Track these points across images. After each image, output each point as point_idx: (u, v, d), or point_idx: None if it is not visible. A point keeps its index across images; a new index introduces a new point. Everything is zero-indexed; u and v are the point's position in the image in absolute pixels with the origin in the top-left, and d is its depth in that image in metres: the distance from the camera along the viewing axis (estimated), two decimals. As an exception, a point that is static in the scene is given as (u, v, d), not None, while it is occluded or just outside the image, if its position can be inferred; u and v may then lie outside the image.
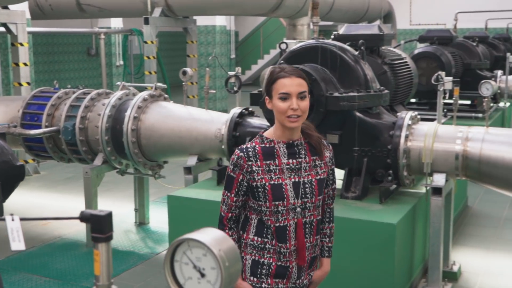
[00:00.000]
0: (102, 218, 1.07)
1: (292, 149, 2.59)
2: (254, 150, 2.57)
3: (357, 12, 16.31)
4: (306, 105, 2.53)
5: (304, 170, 2.59)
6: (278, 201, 2.55)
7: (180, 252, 1.02)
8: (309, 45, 4.75)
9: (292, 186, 2.57)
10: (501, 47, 13.29)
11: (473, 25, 17.68)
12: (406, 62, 6.22)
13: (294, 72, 2.55)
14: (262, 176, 2.55)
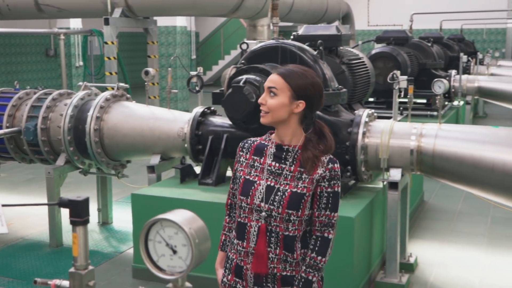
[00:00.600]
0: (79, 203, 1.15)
1: (280, 152, 2.47)
2: (251, 144, 2.56)
3: (316, 13, 16.54)
4: (272, 103, 2.41)
5: (284, 178, 2.45)
6: (243, 196, 2.49)
7: (154, 232, 1.12)
8: (269, 45, 4.88)
9: (265, 188, 2.45)
10: (455, 47, 13.71)
11: (428, 26, 18.16)
12: (363, 62, 6.40)
13: (279, 70, 2.48)
14: (243, 168, 2.53)
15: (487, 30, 23.43)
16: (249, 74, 4.61)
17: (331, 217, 2.45)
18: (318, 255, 2.44)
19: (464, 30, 20.35)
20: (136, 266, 4.98)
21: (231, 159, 5.18)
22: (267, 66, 4.68)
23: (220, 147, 5.02)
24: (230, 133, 5.04)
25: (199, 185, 5.00)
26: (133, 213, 4.92)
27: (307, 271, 2.44)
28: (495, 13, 19.79)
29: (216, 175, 4.99)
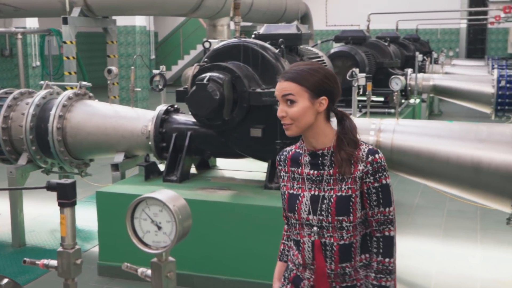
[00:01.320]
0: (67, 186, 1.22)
1: (315, 159, 2.29)
2: (286, 155, 2.40)
3: (275, 13, 16.72)
4: (295, 111, 2.21)
5: (327, 183, 2.27)
6: (290, 213, 2.33)
7: (139, 210, 1.20)
8: (232, 43, 4.97)
9: (310, 199, 2.28)
10: (411, 47, 14.06)
11: (384, 26, 18.53)
12: (323, 61, 6.54)
13: (284, 74, 2.28)
14: (285, 183, 2.38)
15: (441, 30, 24.03)
16: (212, 72, 4.69)
17: (386, 213, 2.26)
18: (385, 257, 2.26)
19: (419, 30, 20.85)
20: (102, 263, 5.00)
21: (195, 156, 5.26)
22: (230, 64, 4.77)
23: (184, 144, 5.09)
24: (194, 131, 5.12)
25: (163, 182, 5.05)
26: (98, 211, 4.94)
27: (379, 277, 2.26)
28: (449, 13, 20.33)
29: (180, 172, 5.06)
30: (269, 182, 4.85)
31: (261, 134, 4.80)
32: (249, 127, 4.80)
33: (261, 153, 4.94)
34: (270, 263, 4.40)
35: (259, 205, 4.54)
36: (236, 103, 4.72)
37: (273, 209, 4.44)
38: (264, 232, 4.49)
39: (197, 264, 4.65)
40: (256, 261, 4.54)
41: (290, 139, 4.78)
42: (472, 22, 23.82)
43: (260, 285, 4.49)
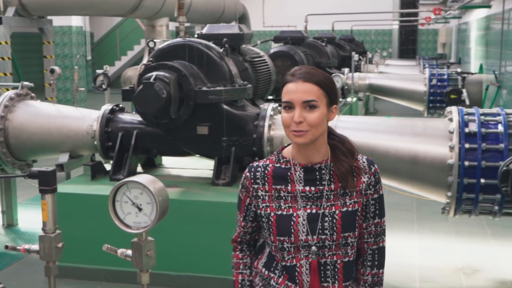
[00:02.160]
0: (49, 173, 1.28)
1: (312, 174, 2.08)
2: (265, 171, 2.13)
3: (213, 13, 16.80)
4: (315, 118, 2.00)
5: (327, 199, 2.08)
6: (283, 237, 2.08)
7: (120, 193, 1.28)
8: (177, 43, 5.05)
9: (307, 218, 2.07)
10: (346, 47, 14.45)
11: (321, 27, 18.89)
12: (265, 60, 6.71)
13: (303, 75, 2.05)
14: (268, 203, 2.11)
15: (374, 31, 24.73)
16: (158, 71, 4.76)
17: (382, 223, 2.18)
18: (379, 269, 2.20)
19: (354, 31, 21.39)
20: (49, 264, 4.97)
21: (141, 155, 5.29)
22: (176, 63, 4.85)
23: (130, 143, 5.13)
24: (140, 129, 5.16)
25: (110, 181, 5.07)
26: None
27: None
28: (382, 15, 20.96)
29: (127, 171, 5.08)
30: (216, 179, 4.95)
31: (207, 131, 4.90)
32: (195, 125, 4.89)
33: (208, 150, 5.04)
34: (219, 257, 4.52)
35: (207, 201, 4.64)
36: (182, 101, 4.80)
37: (221, 204, 4.54)
38: (212, 227, 4.58)
39: (146, 261, 4.70)
40: (205, 256, 4.63)
41: (237, 137, 4.93)
42: (404, 24, 24.65)
43: (210, 279, 4.59)
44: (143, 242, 1.29)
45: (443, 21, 21.18)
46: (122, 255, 1.31)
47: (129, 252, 1.30)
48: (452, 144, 4.39)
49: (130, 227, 1.28)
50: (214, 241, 4.55)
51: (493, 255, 5.52)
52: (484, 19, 12.13)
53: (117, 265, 4.77)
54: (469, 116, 4.56)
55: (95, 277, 4.82)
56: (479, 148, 4.35)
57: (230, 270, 4.58)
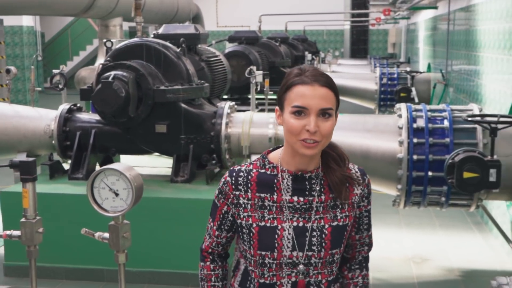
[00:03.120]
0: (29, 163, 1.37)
1: (301, 184, 1.88)
2: (248, 176, 1.92)
3: (167, 13, 16.79)
4: (329, 127, 1.81)
5: (316, 212, 1.88)
6: (265, 251, 1.86)
7: (98, 180, 1.39)
8: (134, 43, 5.12)
9: (294, 232, 1.86)
10: (299, 47, 14.70)
11: (274, 27, 19.12)
12: (220, 60, 6.82)
13: (318, 77, 1.83)
14: (249, 213, 1.89)
15: (327, 31, 25.13)
16: (116, 70, 4.82)
17: (370, 234, 2.05)
18: (367, 271, 2.08)
19: (306, 31, 21.71)
20: (8, 264, 4.97)
21: (100, 154, 5.34)
22: (134, 63, 4.92)
23: (88, 142, 5.17)
24: (98, 128, 5.21)
25: (69, 180, 5.10)
26: (3, 211, 4.91)
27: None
28: (334, 15, 21.34)
29: (86, 170, 5.13)
30: (175, 176, 5.04)
31: (166, 130, 4.99)
32: (154, 123, 4.98)
33: (167, 148, 5.13)
34: (180, 253, 4.62)
35: (166, 198, 4.73)
36: (141, 100, 4.88)
37: (180, 201, 4.64)
38: (172, 223, 4.68)
39: (107, 259, 4.75)
40: (166, 252, 4.72)
41: (195, 134, 5.03)
42: (355, 24, 25.14)
43: (170, 274, 4.69)
44: (119, 224, 1.40)
45: (392, 22, 21.72)
46: (99, 238, 1.42)
47: (106, 235, 1.40)
48: (401, 139, 4.61)
49: (108, 211, 1.39)
50: (174, 237, 4.65)
51: (441, 245, 5.79)
52: (431, 20, 12.55)
53: (77, 263, 4.82)
54: (417, 112, 4.79)
55: (55, 275, 4.84)
56: (426, 142, 4.58)
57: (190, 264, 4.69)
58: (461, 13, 8.50)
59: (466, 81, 7.79)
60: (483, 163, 4.26)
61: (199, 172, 5.15)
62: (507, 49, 5.52)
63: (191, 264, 4.65)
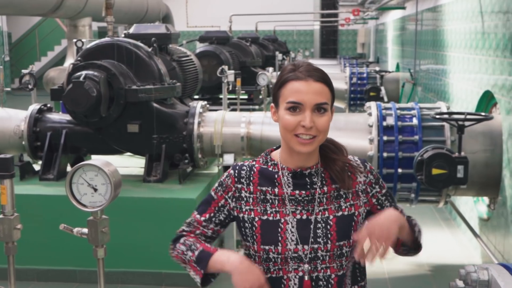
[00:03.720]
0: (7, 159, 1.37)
1: (301, 179, 1.86)
2: (250, 171, 1.90)
3: (137, 13, 16.70)
4: (325, 122, 1.79)
5: (319, 203, 1.85)
6: (268, 245, 1.82)
7: (77, 176, 1.40)
8: (105, 42, 5.10)
9: (296, 225, 1.83)
10: (270, 47, 14.75)
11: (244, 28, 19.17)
12: (192, 60, 6.82)
13: (313, 73, 1.81)
14: (252, 207, 1.86)
15: (296, 31, 25.28)
16: (88, 70, 4.80)
17: (402, 210, 1.99)
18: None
19: (276, 32, 21.80)
20: (-22, 266, 4.90)
21: (71, 154, 5.31)
22: (105, 62, 4.90)
23: (59, 142, 5.13)
24: (69, 129, 5.17)
25: (40, 180, 5.06)
26: (-28, 213, 4.85)
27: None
28: (304, 15, 21.48)
29: (57, 170, 5.09)
30: (147, 176, 5.04)
31: (138, 129, 4.99)
32: (126, 123, 4.97)
33: (139, 148, 5.12)
34: (152, 252, 4.62)
35: (139, 197, 4.72)
36: (112, 100, 4.86)
37: (153, 200, 4.64)
38: (145, 223, 4.67)
39: (79, 259, 4.73)
40: (139, 252, 4.71)
41: (168, 134, 5.03)
42: (325, 24, 25.34)
43: (143, 274, 4.68)
44: (98, 219, 1.41)
45: (361, 22, 21.96)
46: (78, 233, 1.43)
47: (84, 230, 1.42)
48: (371, 137, 4.69)
49: (86, 206, 1.40)
50: (147, 237, 4.64)
51: (411, 241, 5.89)
52: (399, 20, 12.73)
53: (49, 264, 4.78)
54: (387, 110, 4.87)
55: (26, 277, 4.79)
56: (396, 140, 4.67)
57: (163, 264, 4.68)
58: (428, 13, 8.66)
59: (434, 80, 7.94)
60: (451, 159, 4.36)
61: (172, 171, 5.15)
62: (473, 49, 5.65)
63: (164, 264, 4.66)
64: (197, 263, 1.84)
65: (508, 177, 4.53)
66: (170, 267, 4.65)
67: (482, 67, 5.32)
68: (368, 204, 1.90)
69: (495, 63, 4.90)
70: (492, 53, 4.99)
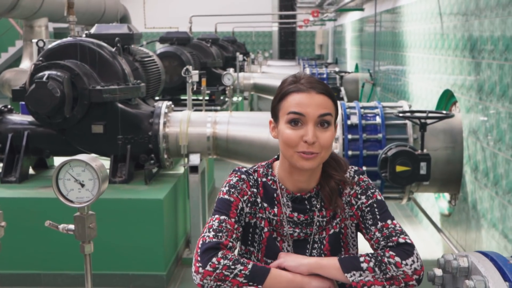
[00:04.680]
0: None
1: (301, 204, 1.80)
2: (257, 181, 1.84)
3: (94, 14, 16.47)
4: (328, 137, 1.72)
5: (318, 226, 1.81)
6: (270, 259, 1.79)
7: (63, 172, 1.39)
8: (68, 42, 5.03)
9: (293, 244, 1.81)
10: (230, 48, 14.78)
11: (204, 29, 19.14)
12: (154, 60, 6.78)
13: (315, 84, 1.73)
14: (263, 215, 1.81)
15: (255, 33, 25.36)
16: (50, 70, 4.72)
17: (387, 226, 1.76)
18: (398, 257, 1.69)
19: (235, 33, 21.84)
20: None
21: (33, 156, 5.21)
22: (68, 62, 4.83)
23: (21, 144, 5.03)
24: (32, 130, 5.08)
25: (2, 183, 4.95)
26: None
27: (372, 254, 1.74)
28: (262, 17, 21.58)
29: (19, 173, 4.99)
30: (113, 177, 4.99)
31: (102, 130, 4.93)
32: (90, 123, 4.91)
33: (104, 149, 5.06)
34: (121, 253, 4.57)
35: (105, 198, 4.61)
36: (76, 100, 4.80)
37: (119, 201, 4.60)
38: (110, 224, 4.62)
39: (44, 262, 4.65)
40: (105, 253, 4.66)
41: (133, 134, 4.99)
42: (283, 26, 25.50)
43: (111, 275, 4.63)
44: (85, 215, 1.41)
45: (319, 24, 22.18)
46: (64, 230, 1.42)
47: (71, 226, 1.41)
48: (336, 136, 4.75)
49: (73, 202, 1.39)
50: (113, 238, 4.59)
51: (375, 238, 5.99)
52: (358, 22, 12.92)
53: (12, 269, 4.68)
54: (351, 109, 4.95)
55: (-11, 282, 4.69)
56: (360, 138, 4.75)
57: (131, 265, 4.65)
58: (387, 15, 8.82)
59: (393, 80, 8.09)
60: (414, 157, 4.46)
61: (137, 172, 5.11)
62: (433, 49, 5.79)
63: (131, 265, 4.63)
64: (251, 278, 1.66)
65: (468, 173, 4.66)
66: (138, 269, 4.62)
67: (441, 67, 5.46)
68: (354, 218, 1.82)
69: (454, 62, 5.03)
70: (452, 53, 5.13)
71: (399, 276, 1.65)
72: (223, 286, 1.63)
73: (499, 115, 3.96)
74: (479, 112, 4.41)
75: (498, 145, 3.98)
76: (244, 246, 1.82)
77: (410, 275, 1.65)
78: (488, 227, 4.16)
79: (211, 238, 1.68)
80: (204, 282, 1.62)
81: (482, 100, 4.33)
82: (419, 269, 1.67)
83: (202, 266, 1.62)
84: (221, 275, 1.62)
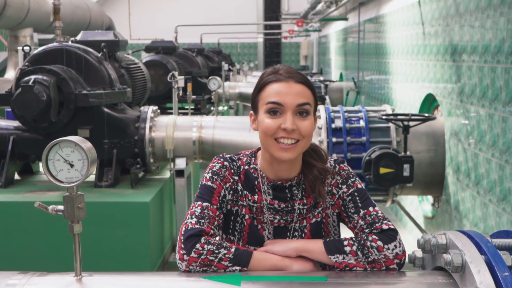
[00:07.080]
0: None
1: (281, 192, 1.80)
2: (239, 168, 1.83)
3: (79, 24, 16.47)
4: (308, 126, 1.72)
5: (298, 214, 1.81)
6: (253, 246, 1.79)
7: (53, 152, 1.42)
8: (54, 47, 5.06)
9: (273, 231, 1.81)
10: (215, 58, 14.88)
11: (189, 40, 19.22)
12: (140, 67, 6.82)
13: (294, 74, 1.75)
14: (243, 202, 1.81)
15: (240, 44, 25.48)
16: (36, 74, 4.74)
17: (369, 213, 1.77)
18: (380, 242, 1.71)
19: (221, 44, 21.92)
20: None
21: (18, 161, 5.21)
22: (54, 67, 4.86)
23: (6, 149, 5.03)
24: (17, 135, 5.08)
25: (-13, 188, 4.94)
26: None
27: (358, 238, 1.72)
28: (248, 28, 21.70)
29: (5, 178, 4.99)
30: (99, 181, 5.00)
31: (89, 134, 4.95)
32: (76, 128, 4.93)
33: (90, 153, 5.07)
34: (107, 256, 4.58)
35: (91, 202, 4.67)
36: (62, 105, 4.82)
37: (106, 204, 4.61)
38: (97, 227, 4.63)
39: (30, 265, 4.64)
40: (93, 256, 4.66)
41: (119, 139, 5.02)
42: (268, 37, 25.65)
43: (96, 279, 4.62)
44: (74, 195, 1.44)
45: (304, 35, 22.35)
46: (53, 211, 1.45)
47: (60, 207, 1.44)
48: (321, 139, 4.82)
49: (63, 182, 1.43)
50: (99, 241, 4.60)
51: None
52: (342, 31, 13.06)
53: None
54: (335, 113, 5.02)
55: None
56: (344, 141, 4.82)
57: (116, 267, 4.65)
58: (370, 24, 8.94)
59: (377, 88, 8.19)
60: (397, 159, 4.54)
61: (123, 177, 5.13)
62: (415, 54, 5.89)
63: (117, 268, 4.63)
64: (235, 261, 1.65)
65: (451, 175, 4.74)
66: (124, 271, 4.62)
67: (423, 72, 5.56)
68: (336, 207, 1.82)
69: (436, 67, 5.13)
70: (433, 58, 5.23)
71: (380, 260, 1.68)
72: (209, 270, 1.64)
73: (479, 116, 4.04)
74: (460, 115, 4.49)
75: (479, 145, 4.06)
76: (225, 235, 1.83)
77: (392, 259, 1.69)
78: (470, 226, 4.23)
79: (193, 224, 1.69)
80: (190, 268, 1.64)
81: (463, 103, 4.42)
82: (401, 254, 1.71)
83: (186, 253, 1.64)
84: (206, 260, 1.63)
